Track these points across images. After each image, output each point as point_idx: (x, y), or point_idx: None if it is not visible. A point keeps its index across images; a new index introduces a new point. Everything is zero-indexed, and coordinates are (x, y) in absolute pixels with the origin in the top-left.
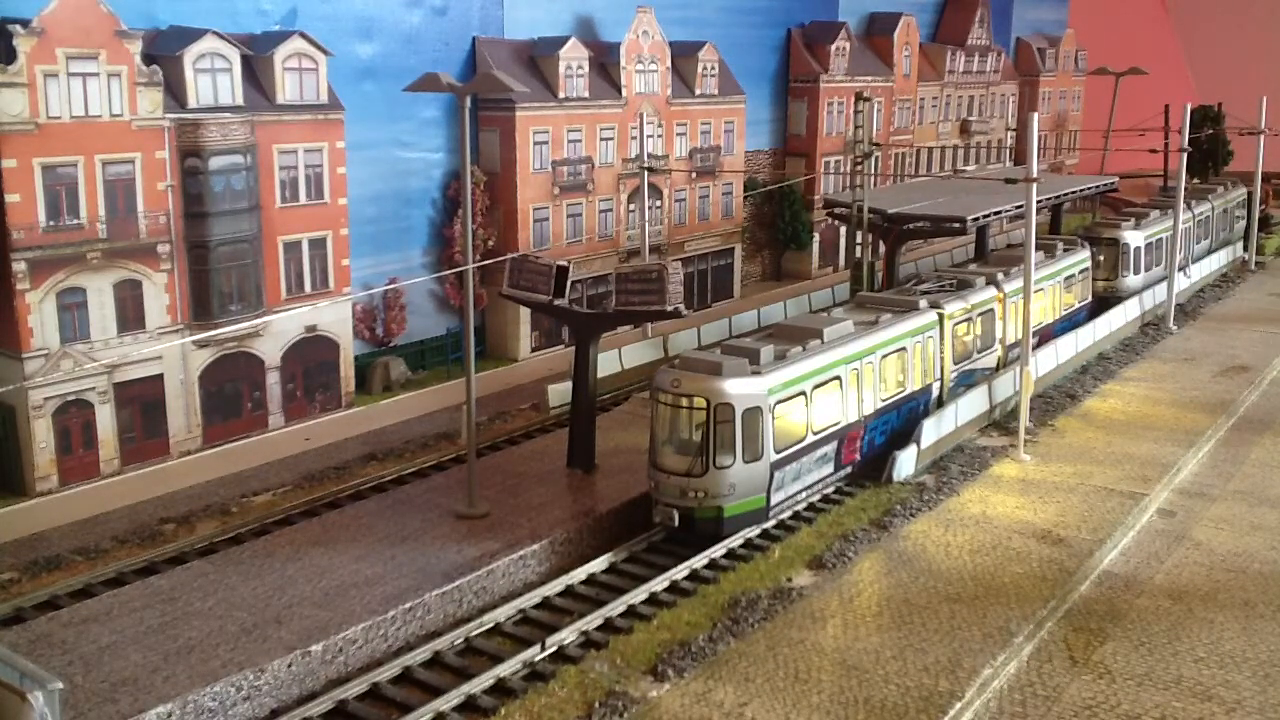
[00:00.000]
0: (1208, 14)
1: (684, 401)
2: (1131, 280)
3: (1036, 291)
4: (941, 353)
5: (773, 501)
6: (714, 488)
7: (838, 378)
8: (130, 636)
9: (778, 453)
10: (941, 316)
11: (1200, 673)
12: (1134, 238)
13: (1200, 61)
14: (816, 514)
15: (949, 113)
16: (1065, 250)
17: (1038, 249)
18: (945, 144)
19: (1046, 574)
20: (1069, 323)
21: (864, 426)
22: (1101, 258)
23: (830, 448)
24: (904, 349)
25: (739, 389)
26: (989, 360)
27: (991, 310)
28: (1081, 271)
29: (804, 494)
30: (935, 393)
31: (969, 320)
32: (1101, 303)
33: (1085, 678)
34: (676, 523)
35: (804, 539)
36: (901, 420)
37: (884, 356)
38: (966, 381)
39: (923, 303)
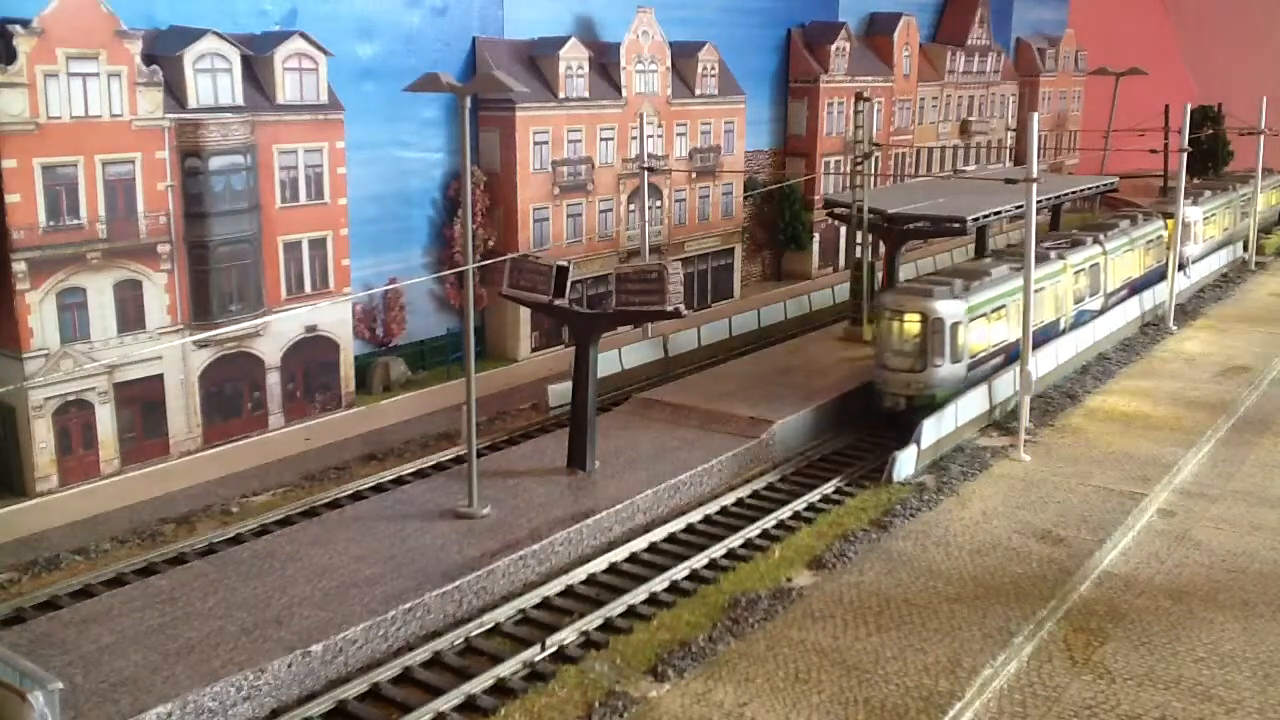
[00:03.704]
0: (1208, 14)
1: (907, 317)
2: (1191, 249)
3: (1129, 251)
4: (1066, 293)
5: None
6: (929, 381)
7: (1004, 306)
8: (130, 636)
9: (970, 358)
10: (1066, 266)
11: (1200, 673)
12: (1194, 213)
13: (1200, 61)
14: (816, 514)
15: (949, 113)
16: (1145, 220)
17: (1125, 218)
18: (945, 144)
19: (1046, 574)
20: (1147, 279)
21: (1019, 345)
22: (1163, 231)
23: (999, 360)
24: (1043, 289)
25: (947, 308)
26: (1095, 304)
27: (1098, 264)
28: (1158, 239)
29: None
30: (1061, 326)
31: (1082, 270)
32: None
33: (1085, 678)
34: (903, 407)
35: (804, 539)
36: (1037, 344)
37: (1032, 292)
38: (1080, 320)
39: (1053, 254)
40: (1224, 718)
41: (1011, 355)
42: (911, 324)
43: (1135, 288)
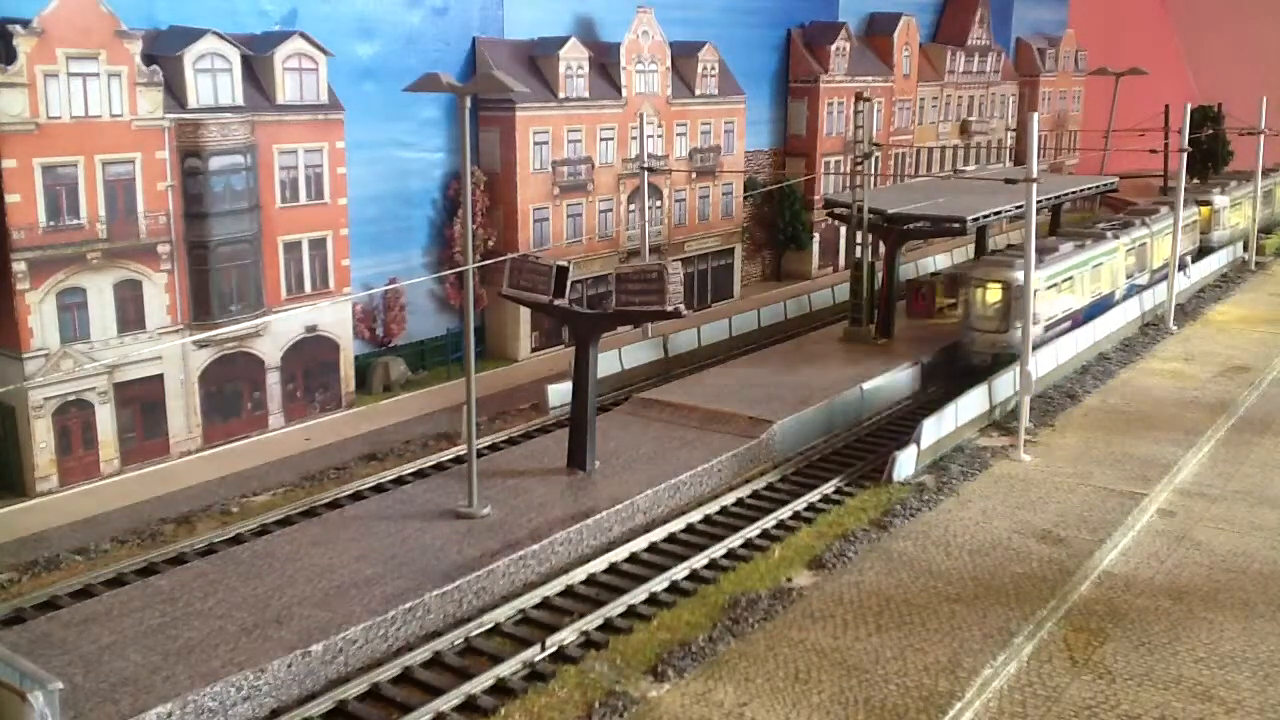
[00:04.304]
0: (1208, 14)
1: (991, 286)
2: (1220, 234)
3: (1169, 233)
4: (1120, 268)
5: None
6: (1011, 341)
7: (1072, 277)
8: (130, 636)
9: (1045, 321)
10: (1120, 245)
11: (1200, 673)
12: (1221, 201)
13: (1200, 61)
14: (816, 514)
15: (949, 113)
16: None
17: (1166, 204)
18: (945, 144)
19: (1046, 574)
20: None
21: (1084, 311)
22: (1197, 216)
23: (1068, 324)
24: (1101, 263)
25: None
26: (1143, 279)
27: (1145, 243)
28: (1193, 223)
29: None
30: (1116, 296)
31: (1133, 249)
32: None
33: (1085, 678)
34: (989, 362)
35: (804, 539)
36: (1098, 311)
37: (1093, 267)
38: (1130, 292)
39: (1109, 234)
40: (1224, 718)
41: (1077, 321)
42: (995, 291)
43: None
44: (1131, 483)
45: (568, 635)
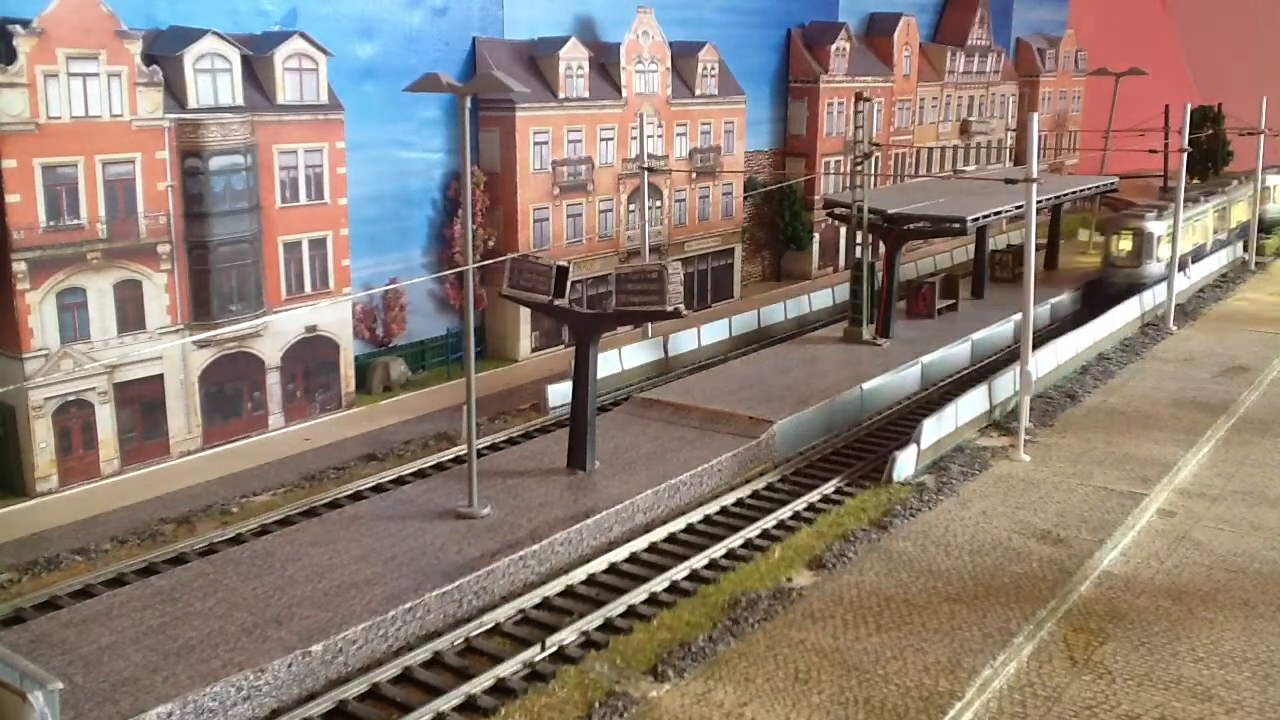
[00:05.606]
0: (1208, 14)
1: (1128, 231)
2: (1273, 207)
3: (1239, 203)
4: (1210, 226)
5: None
6: (1142, 274)
7: (1181, 229)
8: (130, 636)
9: (1164, 260)
10: (1210, 208)
11: (1200, 673)
12: (1275, 180)
13: (1200, 61)
14: (816, 514)
15: (949, 113)
16: (1246, 181)
17: (1234, 179)
18: (945, 144)
19: (1046, 574)
20: (1245, 227)
21: (1190, 257)
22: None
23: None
24: (1199, 220)
25: (1153, 226)
26: (1222, 236)
27: (1225, 209)
28: (1252, 197)
29: None
30: (1207, 248)
31: (1218, 211)
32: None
33: (1085, 678)
34: (1124, 289)
35: (804, 539)
36: (1196, 259)
37: (1194, 222)
38: (1215, 246)
39: (1201, 198)
40: (1224, 718)
41: (1183, 264)
42: (1128, 238)
43: (1241, 232)
44: (1131, 483)
45: (568, 635)
